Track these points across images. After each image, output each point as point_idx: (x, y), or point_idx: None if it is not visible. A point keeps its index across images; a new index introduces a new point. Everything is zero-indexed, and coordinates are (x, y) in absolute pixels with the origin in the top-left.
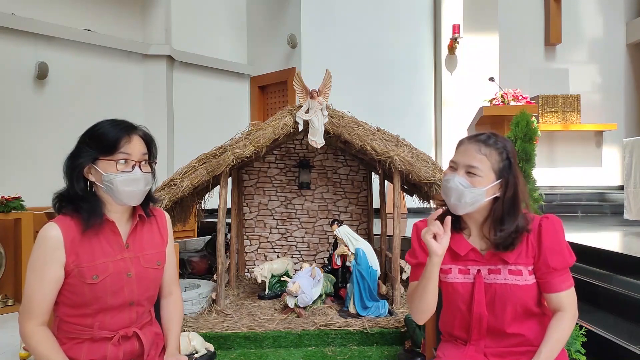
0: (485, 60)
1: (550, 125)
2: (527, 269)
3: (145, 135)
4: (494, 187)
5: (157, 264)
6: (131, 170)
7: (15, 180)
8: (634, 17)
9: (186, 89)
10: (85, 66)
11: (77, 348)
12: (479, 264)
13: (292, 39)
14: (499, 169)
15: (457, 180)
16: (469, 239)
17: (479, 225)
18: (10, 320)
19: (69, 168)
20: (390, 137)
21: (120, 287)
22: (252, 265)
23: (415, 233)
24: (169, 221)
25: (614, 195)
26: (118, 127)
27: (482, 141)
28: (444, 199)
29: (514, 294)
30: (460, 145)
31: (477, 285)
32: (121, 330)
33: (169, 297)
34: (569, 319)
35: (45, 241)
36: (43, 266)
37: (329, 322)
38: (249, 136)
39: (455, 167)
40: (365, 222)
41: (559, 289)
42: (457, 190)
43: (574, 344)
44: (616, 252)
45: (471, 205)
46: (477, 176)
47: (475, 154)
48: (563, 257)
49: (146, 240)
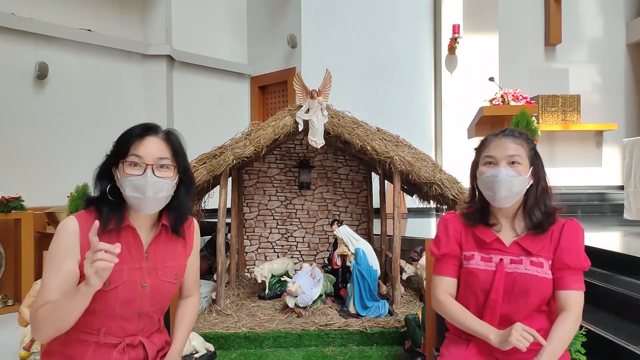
0: (485, 60)
1: (550, 125)
2: (547, 263)
3: (168, 137)
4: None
5: (175, 278)
6: (141, 173)
7: (15, 180)
8: (634, 17)
9: (186, 89)
10: (85, 66)
11: (82, 350)
12: (503, 253)
13: (292, 39)
14: (531, 157)
15: (504, 173)
16: (498, 233)
17: (511, 218)
18: (10, 320)
19: (97, 171)
20: (390, 137)
21: (133, 297)
22: (252, 265)
23: (443, 224)
24: (197, 229)
25: (614, 195)
26: (137, 129)
27: (511, 134)
28: (489, 195)
29: (532, 285)
30: (489, 142)
31: (498, 273)
32: (127, 339)
33: (186, 299)
34: (573, 321)
35: (63, 232)
36: (60, 256)
37: (329, 322)
38: (249, 136)
39: (495, 161)
40: (365, 222)
41: (568, 287)
42: (508, 182)
43: (574, 344)
44: (616, 252)
45: (519, 194)
46: (519, 165)
47: (511, 144)
48: (578, 258)
49: (168, 252)
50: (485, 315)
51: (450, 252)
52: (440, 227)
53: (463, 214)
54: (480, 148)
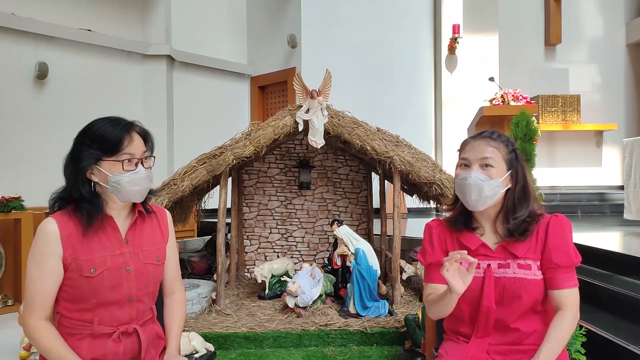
0: (485, 60)
1: (550, 125)
2: (535, 264)
3: (142, 130)
4: (507, 178)
5: (157, 260)
6: (135, 168)
7: (15, 180)
8: (634, 17)
9: (186, 89)
10: (85, 66)
11: (78, 345)
12: (489, 258)
13: (292, 39)
14: (508, 160)
15: (474, 176)
16: (482, 237)
17: (492, 221)
18: (10, 320)
19: (72, 171)
20: (390, 137)
21: (119, 281)
22: (252, 265)
23: (428, 233)
24: (170, 218)
25: (614, 195)
26: (118, 126)
27: (488, 136)
28: (462, 199)
29: (522, 288)
30: (466, 145)
31: (487, 279)
32: (121, 327)
33: (171, 296)
34: (570, 319)
35: (43, 235)
36: (42, 259)
37: (329, 322)
38: (249, 136)
39: (468, 164)
40: (365, 222)
41: (561, 286)
42: (477, 186)
43: (574, 344)
44: (616, 252)
45: (491, 198)
46: (492, 168)
47: (485, 147)
48: (568, 255)
49: (146, 236)
50: (479, 323)
51: (435, 262)
52: (425, 236)
53: (447, 219)
54: (459, 150)
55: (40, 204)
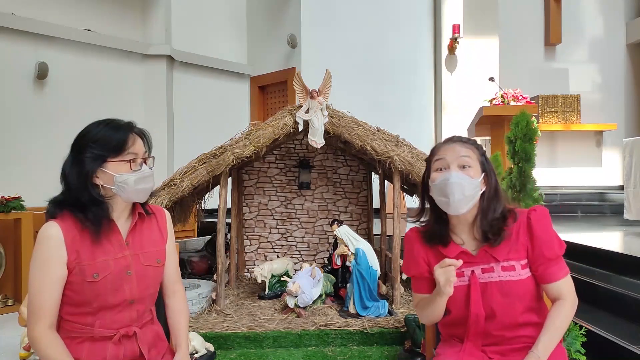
0: (485, 60)
1: (550, 125)
2: (519, 264)
3: (140, 131)
4: (482, 181)
5: (157, 262)
6: (140, 168)
7: (15, 180)
8: (634, 17)
9: (186, 89)
10: (85, 66)
11: (78, 348)
12: (472, 264)
13: (292, 39)
14: (481, 162)
15: (456, 175)
16: (462, 245)
17: (470, 226)
18: (10, 320)
19: (79, 176)
20: (390, 137)
21: (120, 285)
22: (252, 265)
23: (408, 244)
24: (169, 219)
25: (614, 195)
26: (119, 126)
27: (459, 139)
28: (442, 203)
29: (509, 290)
30: (438, 149)
31: (472, 286)
32: (122, 330)
33: (172, 296)
34: (570, 306)
35: (47, 240)
36: (46, 265)
37: (329, 322)
38: (249, 136)
39: (446, 165)
40: (365, 222)
41: (556, 278)
42: (460, 185)
43: (574, 343)
44: (616, 252)
45: (472, 198)
46: (470, 168)
47: (461, 148)
48: (553, 248)
49: (146, 238)
50: (469, 328)
51: (418, 274)
52: (405, 248)
53: (422, 233)
54: (430, 157)
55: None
